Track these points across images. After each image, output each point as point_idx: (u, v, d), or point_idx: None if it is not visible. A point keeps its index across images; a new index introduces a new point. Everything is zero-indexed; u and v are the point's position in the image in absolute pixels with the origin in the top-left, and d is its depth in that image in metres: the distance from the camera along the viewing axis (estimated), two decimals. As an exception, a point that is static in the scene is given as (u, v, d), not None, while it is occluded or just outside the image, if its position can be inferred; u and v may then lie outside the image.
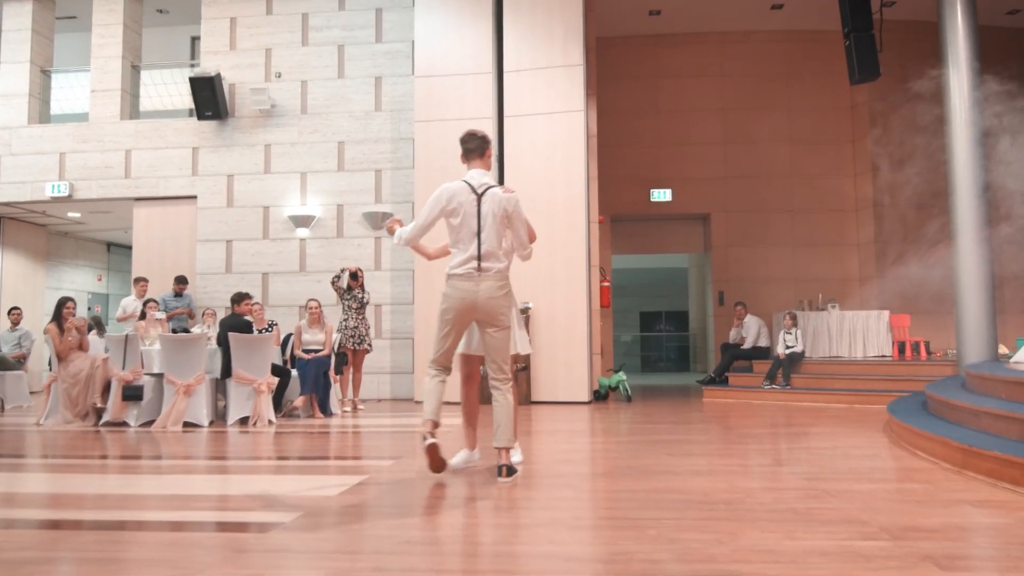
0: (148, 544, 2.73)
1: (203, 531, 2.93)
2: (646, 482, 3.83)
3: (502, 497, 3.52)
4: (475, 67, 9.42)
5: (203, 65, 10.50)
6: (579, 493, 3.58)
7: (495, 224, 3.89)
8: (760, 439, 5.67)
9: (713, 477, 3.94)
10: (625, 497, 3.49)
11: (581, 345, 8.92)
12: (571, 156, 9.16)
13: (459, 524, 2.98)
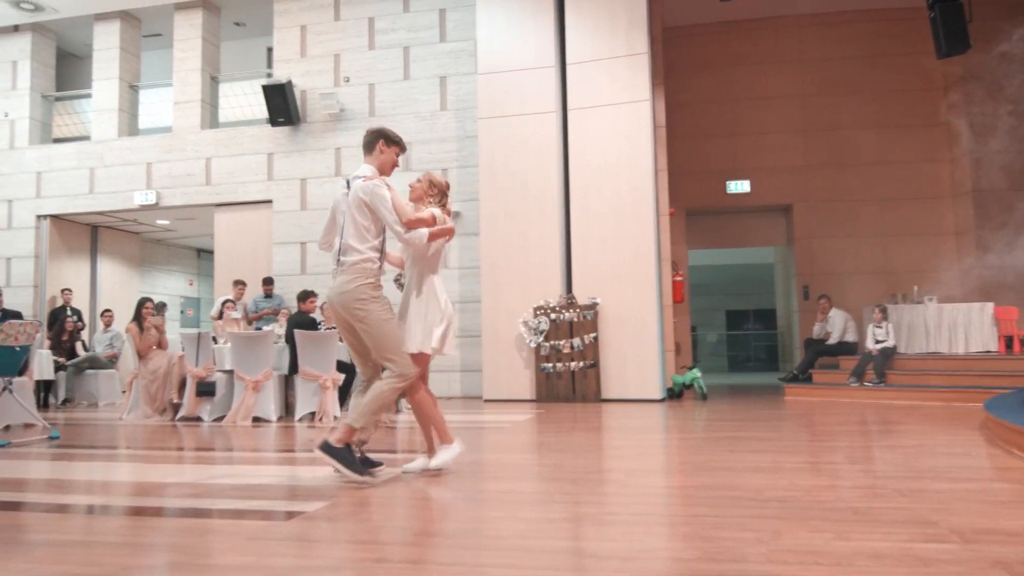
0: (166, 529, 2.72)
1: (227, 518, 2.89)
2: (696, 478, 3.59)
3: (536, 492, 3.35)
4: (537, 61, 9.29)
5: (276, 73, 10.79)
6: (621, 489, 3.37)
7: (351, 215, 3.63)
8: (837, 436, 5.28)
9: (773, 474, 3.65)
10: (668, 493, 3.26)
11: (652, 342, 8.62)
12: (637, 147, 8.89)
13: (482, 517, 2.84)
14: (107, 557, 2.36)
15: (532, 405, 8.37)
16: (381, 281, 3.70)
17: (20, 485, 3.82)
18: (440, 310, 3.76)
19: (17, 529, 2.78)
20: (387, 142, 3.83)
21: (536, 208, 9.12)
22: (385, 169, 3.84)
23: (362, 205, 3.60)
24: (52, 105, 12.07)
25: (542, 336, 8.80)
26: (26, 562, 2.30)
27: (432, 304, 3.74)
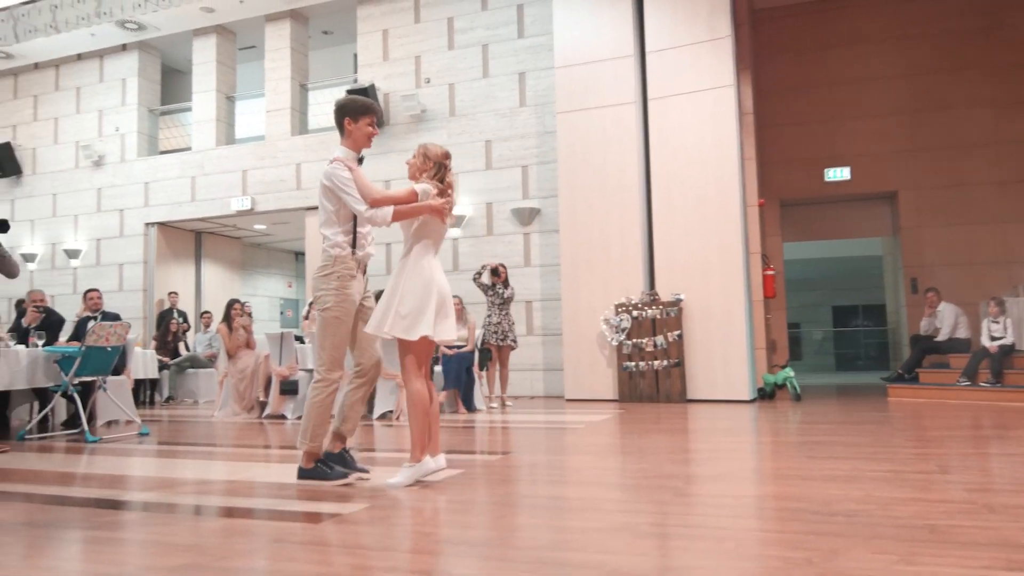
0: (198, 528, 2.73)
1: (264, 519, 2.88)
2: (762, 487, 3.32)
3: (584, 498, 3.19)
4: (615, 52, 9.04)
5: (360, 78, 11.01)
6: (676, 497, 3.16)
7: (320, 201, 3.52)
8: (936, 442, 4.82)
9: (849, 483, 3.33)
10: (725, 503, 3.02)
11: (740, 339, 8.22)
12: (721, 135, 8.50)
13: (517, 525, 2.70)
14: (124, 555, 2.38)
15: (614, 405, 8.15)
16: (350, 267, 3.48)
17: (81, 480, 3.98)
18: (421, 292, 3.35)
19: (48, 524, 2.87)
20: (352, 116, 3.57)
21: (616, 202, 8.88)
22: (361, 144, 3.60)
23: (325, 190, 3.46)
24: (158, 119, 12.79)
25: (624, 334, 8.55)
26: (35, 557, 2.35)
27: (408, 284, 3.37)
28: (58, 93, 12.96)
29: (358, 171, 3.46)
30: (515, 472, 3.88)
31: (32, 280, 12.75)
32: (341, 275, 3.44)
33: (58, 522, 2.92)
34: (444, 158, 3.57)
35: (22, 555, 2.41)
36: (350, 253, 3.47)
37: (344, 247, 3.46)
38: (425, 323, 3.36)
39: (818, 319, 20.40)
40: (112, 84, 12.60)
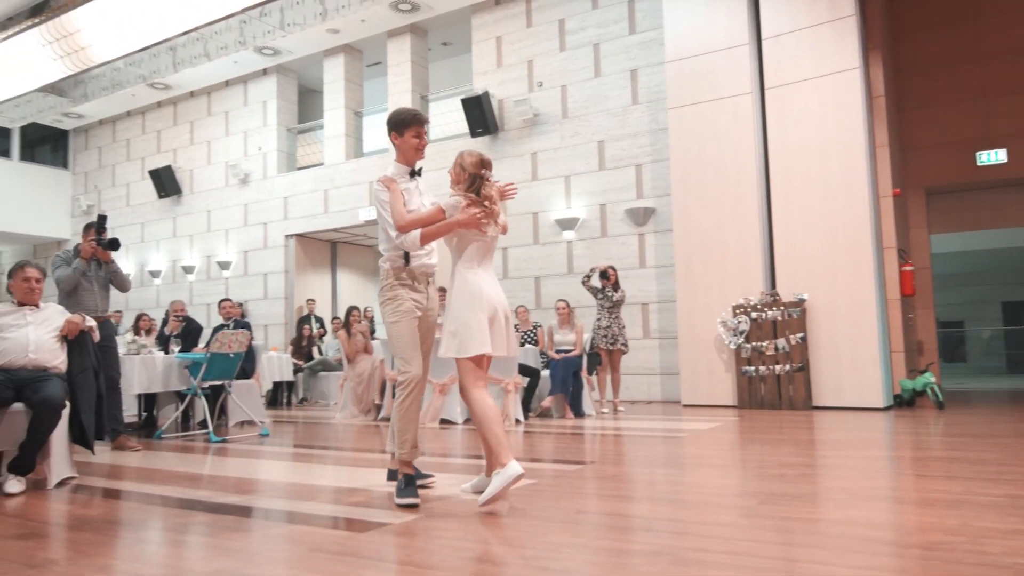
0: (247, 532, 2.86)
1: (316, 525, 2.97)
2: (843, 509, 3.03)
3: (640, 516, 3.05)
4: (729, 41, 8.63)
5: (475, 86, 11.20)
6: (739, 518, 2.95)
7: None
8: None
9: (949, 509, 2.98)
10: (790, 527, 2.78)
11: (870, 341, 7.60)
12: (846, 122, 7.90)
13: (558, 543, 2.62)
14: (155, 555, 2.53)
15: (732, 412, 7.78)
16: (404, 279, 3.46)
17: (181, 479, 4.29)
18: (467, 307, 3.29)
19: (117, 521, 3.10)
20: (396, 130, 3.56)
21: (733, 198, 8.48)
22: (410, 157, 3.58)
23: (376, 208, 3.51)
24: (295, 137, 13.64)
25: (742, 337, 8.15)
26: (34, 550, 2.54)
27: (456, 302, 3.32)
28: (210, 118, 14.14)
29: (395, 192, 3.43)
30: (584, 485, 3.78)
31: (191, 289, 13.99)
32: (394, 287, 3.47)
33: (128, 520, 3.16)
34: (478, 167, 3.44)
35: (75, 550, 2.62)
36: (402, 265, 3.47)
37: (396, 260, 3.48)
38: (477, 340, 3.27)
39: (985, 316, 18.52)
40: (255, 107, 13.58)
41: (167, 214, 14.50)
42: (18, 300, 4.18)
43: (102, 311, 5.52)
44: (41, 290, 4.27)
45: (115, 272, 5.61)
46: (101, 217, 5.56)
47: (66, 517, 3.29)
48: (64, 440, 4.06)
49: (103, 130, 15.75)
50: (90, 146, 15.99)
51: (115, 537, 2.89)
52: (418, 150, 3.57)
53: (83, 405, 4.18)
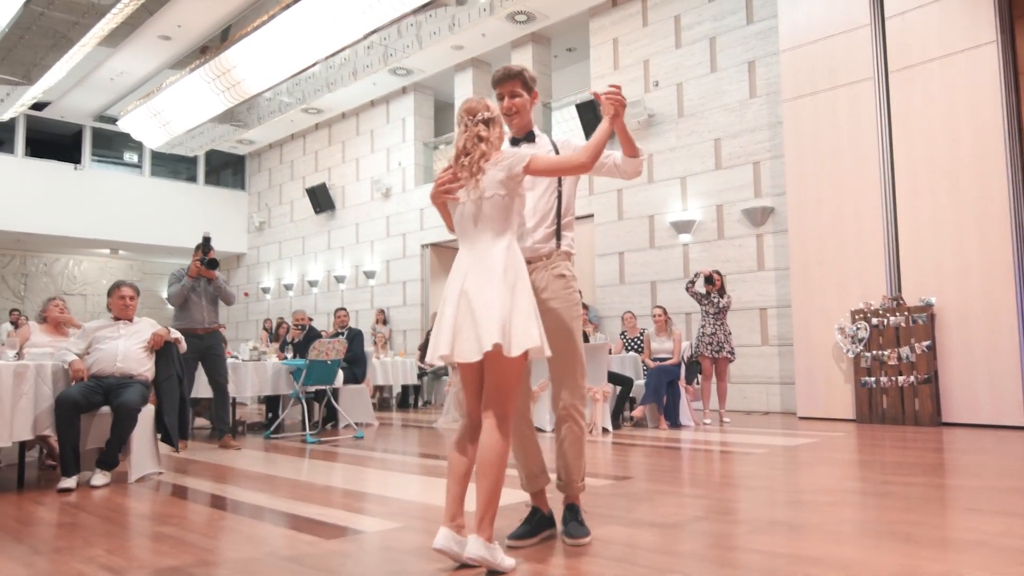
0: (255, 537, 3.14)
1: (319, 535, 3.20)
2: (834, 545, 2.78)
3: (612, 543, 2.98)
4: (848, 23, 8.00)
5: (592, 89, 11.16)
6: (715, 551, 2.80)
7: None
8: None
9: (977, 550, 2.65)
10: (758, 566, 2.61)
11: (1011, 350, 6.73)
12: (981, 104, 7.06)
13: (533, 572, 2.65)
14: (139, 550, 2.85)
15: (849, 426, 7.21)
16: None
17: (233, 476, 4.71)
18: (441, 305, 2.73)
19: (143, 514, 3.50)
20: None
21: (851, 194, 7.84)
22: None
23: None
24: (432, 151, 14.31)
25: (862, 344, 7.51)
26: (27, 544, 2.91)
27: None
28: (358, 137, 15.20)
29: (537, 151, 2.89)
30: (599, 502, 3.73)
31: (343, 297, 15.11)
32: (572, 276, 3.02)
33: (163, 514, 3.57)
34: (464, 114, 2.76)
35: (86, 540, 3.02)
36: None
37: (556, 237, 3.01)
38: (432, 343, 2.66)
39: None
40: (395, 124, 14.42)
41: (323, 228, 15.77)
42: (115, 315, 4.82)
43: (209, 323, 6.19)
44: (135, 306, 4.90)
45: (219, 287, 6.26)
46: (206, 238, 6.25)
47: (110, 510, 3.78)
48: (149, 439, 4.64)
49: (272, 153, 17.43)
50: (262, 168, 17.75)
51: (128, 529, 3.30)
52: (505, 114, 2.94)
53: (167, 408, 4.75)
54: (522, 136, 3.00)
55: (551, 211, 2.95)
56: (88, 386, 4.39)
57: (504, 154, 2.69)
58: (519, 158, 2.64)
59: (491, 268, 2.57)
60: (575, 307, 2.91)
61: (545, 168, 2.69)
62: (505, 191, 2.62)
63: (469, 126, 2.72)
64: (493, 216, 2.64)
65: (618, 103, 2.78)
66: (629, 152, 3.00)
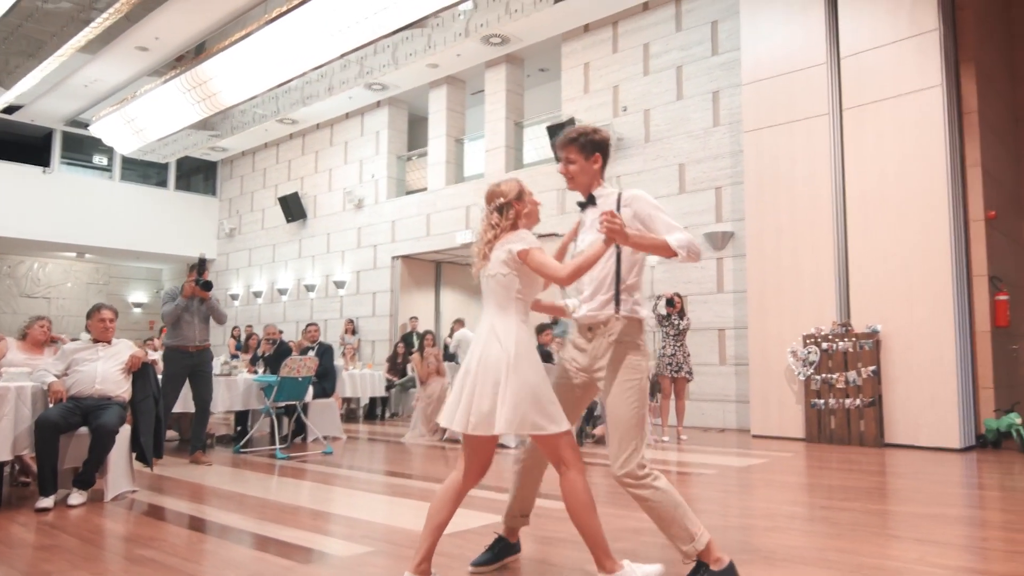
0: (200, 551, 3.34)
1: (279, 555, 3.41)
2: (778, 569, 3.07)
3: (553, 564, 3.23)
4: (806, 60, 8.39)
5: (563, 112, 11.47)
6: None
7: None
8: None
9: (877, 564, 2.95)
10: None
11: (949, 377, 7.14)
12: (927, 143, 7.48)
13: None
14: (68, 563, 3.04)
15: (798, 445, 7.57)
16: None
17: (205, 495, 4.89)
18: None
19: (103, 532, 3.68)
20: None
21: (807, 223, 8.23)
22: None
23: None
24: (404, 163, 14.51)
25: (812, 368, 7.89)
26: (101, 571, 3.09)
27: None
28: (332, 148, 15.34)
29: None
30: (548, 525, 3.98)
31: (312, 306, 15.22)
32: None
33: (135, 535, 3.75)
34: (485, 200, 3.04)
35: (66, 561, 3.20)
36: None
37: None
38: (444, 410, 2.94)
39: None
40: (369, 137, 14.59)
41: (294, 236, 15.86)
42: (94, 337, 4.97)
43: (200, 341, 6.35)
44: (114, 328, 5.05)
45: (213, 307, 6.43)
46: (202, 260, 6.43)
47: (91, 531, 3.94)
48: (124, 458, 4.80)
49: (244, 160, 17.47)
50: (234, 175, 17.78)
51: (111, 552, 3.47)
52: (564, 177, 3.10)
53: (143, 428, 4.91)
54: (586, 199, 3.08)
55: (607, 277, 2.94)
56: (67, 407, 4.53)
57: (512, 235, 2.86)
58: (520, 242, 2.81)
59: (483, 346, 2.77)
60: (629, 373, 2.85)
61: (533, 267, 2.79)
62: (507, 270, 2.80)
63: (485, 213, 2.97)
64: (496, 292, 2.83)
65: (612, 231, 2.63)
66: (665, 255, 2.84)
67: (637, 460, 2.78)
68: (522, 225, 2.95)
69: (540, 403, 2.69)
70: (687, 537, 2.76)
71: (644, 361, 2.90)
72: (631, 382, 2.84)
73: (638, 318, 2.93)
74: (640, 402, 2.84)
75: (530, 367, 2.72)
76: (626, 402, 2.82)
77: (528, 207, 2.98)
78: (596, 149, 3.01)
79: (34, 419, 4.42)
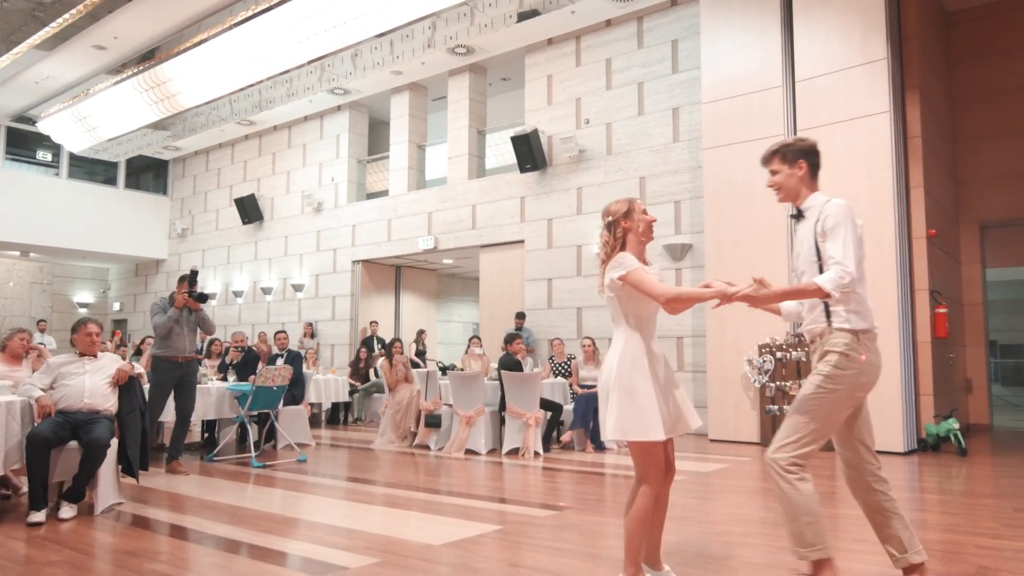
0: (181, 561, 3.45)
1: (294, 568, 3.54)
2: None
3: (558, 575, 3.45)
4: (762, 82, 8.80)
5: (526, 122, 11.71)
6: None
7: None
8: None
9: None
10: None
11: (893, 385, 7.62)
12: (876, 165, 7.96)
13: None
14: None
15: (755, 449, 7.97)
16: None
17: (192, 507, 4.96)
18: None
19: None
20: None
21: (763, 237, 8.64)
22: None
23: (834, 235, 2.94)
24: (365, 167, 14.53)
25: (767, 376, 8.30)
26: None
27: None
28: (290, 150, 15.25)
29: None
30: (538, 535, 4.20)
31: (269, 310, 15.11)
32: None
33: (133, 549, 3.82)
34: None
35: None
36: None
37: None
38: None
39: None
40: (329, 140, 14.57)
41: (250, 239, 15.71)
42: (80, 351, 4.98)
43: (190, 351, 6.37)
44: (100, 342, 5.06)
45: (203, 319, 6.46)
46: (193, 272, 6.44)
47: (92, 545, 4.00)
48: (112, 471, 4.82)
49: (198, 160, 17.20)
50: (186, 174, 17.48)
51: (122, 568, 3.55)
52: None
53: (130, 441, 4.95)
54: (795, 212, 3.10)
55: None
56: (57, 422, 4.55)
57: (614, 260, 2.99)
58: (618, 268, 2.94)
59: (606, 360, 3.02)
60: (825, 381, 2.89)
61: (636, 284, 2.91)
62: (612, 293, 2.99)
63: (601, 230, 3.15)
64: (612, 310, 3.06)
65: (751, 300, 2.90)
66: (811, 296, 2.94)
67: (793, 453, 2.83)
68: (631, 241, 3.07)
69: (638, 412, 2.85)
70: (804, 543, 2.81)
71: (854, 375, 2.88)
72: (823, 388, 2.88)
73: (854, 329, 2.90)
74: (823, 410, 2.86)
75: (633, 378, 2.88)
76: (808, 400, 2.89)
77: (639, 224, 3.09)
78: (800, 156, 3.04)
79: (24, 434, 4.42)
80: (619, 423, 2.87)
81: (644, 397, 2.87)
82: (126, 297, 18.74)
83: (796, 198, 3.07)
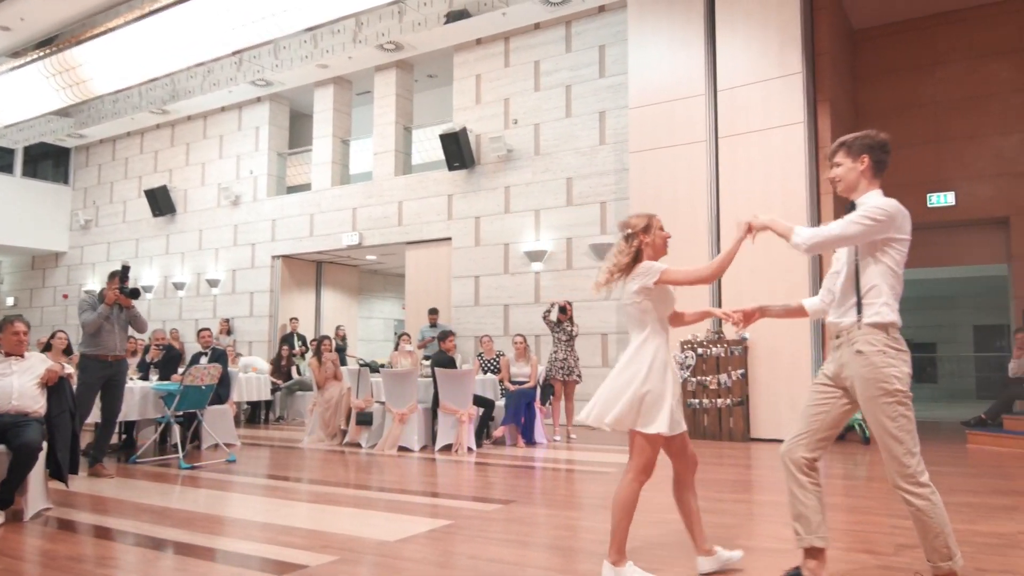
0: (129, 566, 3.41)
1: (247, 568, 3.51)
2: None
3: (513, 564, 3.57)
4: (687, 91, 9.18)
5: (455, 120, 11.76)
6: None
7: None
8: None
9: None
10: None
11: (805, 378, 8.12)
12: (789, 173, 8.45)
13: None
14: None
15: (676, 442, 8.32)
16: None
17: (126, 509, 4.83)
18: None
19: (104, 559, 3.65)
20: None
21: (686, 239, 8.99)
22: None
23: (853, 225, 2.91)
24: (285, 160, 14.22)
25: (688, 371, 8.68)
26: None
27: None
28: (205, 141, 14.73)
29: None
30: (490, 528, 4.31)
31: (181, 305, 14.58)
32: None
33: (73, 554, 3.71)
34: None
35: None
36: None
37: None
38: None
39: (957, 340, 18.99)
40: (248, 132, 14.17)
41: (161, 232, 15.10)
42: (6, 351, 4.73)
43: (120, 350, 6.12)
44: (27, 341, 4.83)
45: (135, 316, 6.21)
46: (125, 267, 6.17)
47: (33, 552, 3.84)
48: (40, 475, 4.62)
49: (103, 148, 16.37)
50: (90, 163, 16.61)
51: (58, 572, 3.44)
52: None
53: (59, 444, 4.74)
54: (851, 204, 3.02)
55: (849, 280, 2.97)
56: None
57: (639, 269, 3.15)
58: (648, 275, 3.11)
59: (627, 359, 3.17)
60: (876, 385, 2.80)
61: (674, 281, 3.12)
62: (639, 299, 3.12)
63: (617, 240, 3.30)
64: (630, 320, 3.22)
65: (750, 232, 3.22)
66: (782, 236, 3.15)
67: (912, 470, 2.77)
68: (646, 255, 3.23)
69: (655, 408, 3.03)
70: (947, 555, 2.76)
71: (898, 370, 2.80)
72: (888, 396, 2.80)
73: (884, 322, 2.84)
74: (901, 415, 2.79)
75: (665, 383, 3.08)
76: (877, 414, 2.82)
77: (656, 239, 3.27)
78: (865, 151, 2.96)
79: (-53, 438, 4.19)
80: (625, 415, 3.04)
81: (666, 399, 3.07)
82: (21, 292, 17.65)
83: (854, 191, 3.00)
